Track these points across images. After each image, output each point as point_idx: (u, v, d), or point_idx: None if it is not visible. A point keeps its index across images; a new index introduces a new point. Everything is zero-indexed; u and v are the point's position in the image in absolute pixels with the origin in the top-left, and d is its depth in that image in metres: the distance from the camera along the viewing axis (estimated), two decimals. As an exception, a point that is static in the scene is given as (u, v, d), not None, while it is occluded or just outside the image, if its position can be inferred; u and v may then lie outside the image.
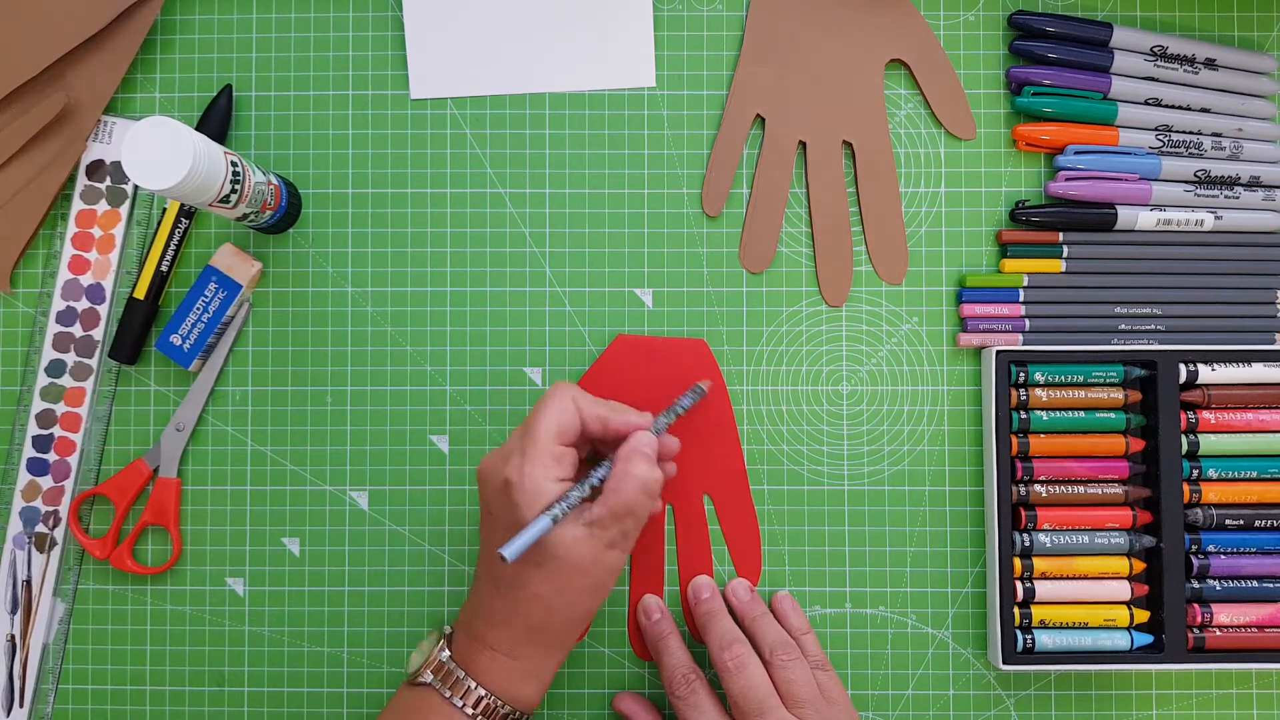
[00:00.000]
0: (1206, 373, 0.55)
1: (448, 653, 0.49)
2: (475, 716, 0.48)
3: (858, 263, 0.58)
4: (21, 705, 0.56)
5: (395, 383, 0.58)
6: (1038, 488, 0.55)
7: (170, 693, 0.57)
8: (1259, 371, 0.55)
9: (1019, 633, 0.54)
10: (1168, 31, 0.58)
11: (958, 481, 0.57)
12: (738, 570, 0.57)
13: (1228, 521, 0.55)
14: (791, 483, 0.57)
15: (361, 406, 0.57)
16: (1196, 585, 0.55)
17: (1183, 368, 0.55)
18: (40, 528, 0.57)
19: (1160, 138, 0.57)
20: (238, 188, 0.50)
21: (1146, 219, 0.56)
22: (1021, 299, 0.57)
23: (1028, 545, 0.55)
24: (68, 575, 0.57)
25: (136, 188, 0.57)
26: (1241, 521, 0.55)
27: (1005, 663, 0.54)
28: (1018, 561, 0.55)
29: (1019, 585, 0.55)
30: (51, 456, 0.57)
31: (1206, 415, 0.55)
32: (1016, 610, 0.55)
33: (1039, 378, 0.55)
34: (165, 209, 0.57)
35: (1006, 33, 0.58)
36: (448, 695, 0.48)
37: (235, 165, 0.50)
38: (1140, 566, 0.55)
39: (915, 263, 0.58)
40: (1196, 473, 0.55)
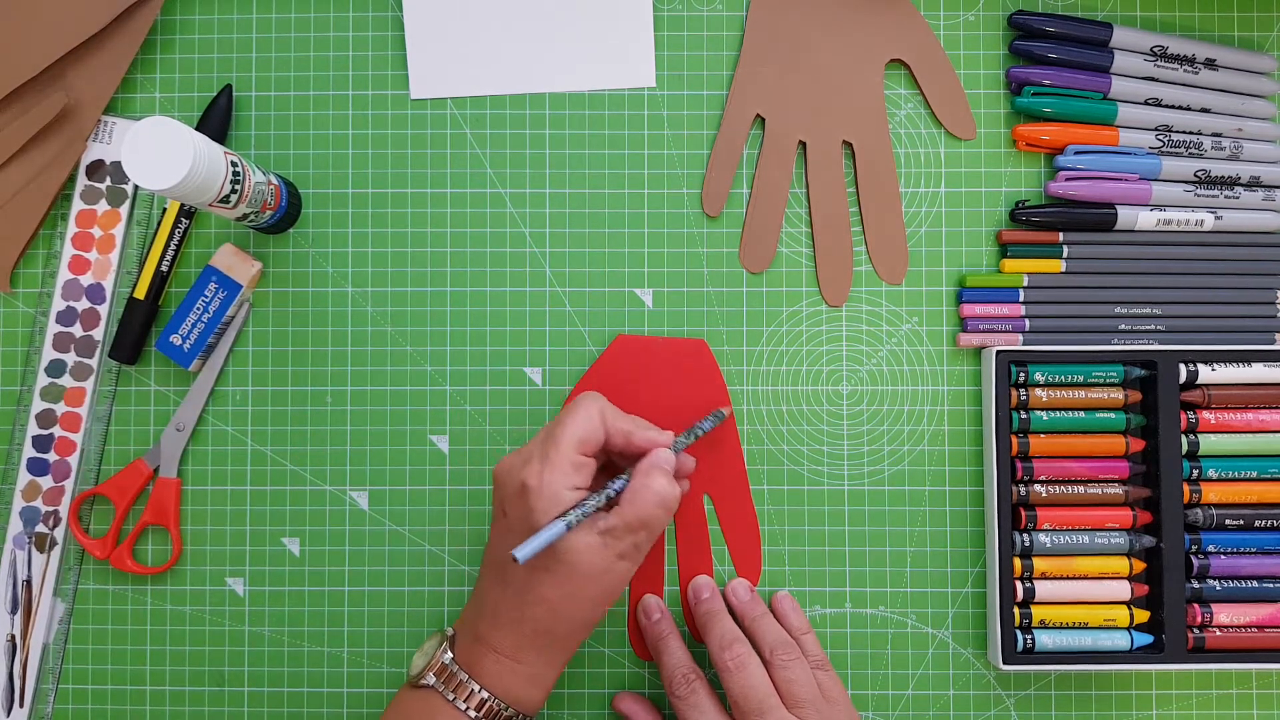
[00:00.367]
0: (1206, 373, 0.55)
1: (450, 655, 0.49)
2: (477, 719, 0.48)
3: (858, 263, 0.58)
4: (21, 705, 0.56)
5: (395, 383, 0.58)
6: (1038, 488, 0.55)
7: (170, 693, 0.57)
8: (1259, 371, 0.55)
9: (1019, 633, 0.54)
10: (1168, 31, 0.58)
11: (958, 481, 0.57)
12: (738, 570, 0.57)
13: (1228, 521, 0.55)
14: (791, 483, 0.57)
15: (361, 406, 0.57)
16: (1196, 585, 0.55)
17: (1183, 368, 0.55)
18: (40, 528, 0.57)
19: (1160, 138, 0.57)
20: (238, 188, 0.50)
21: (1146, 219, 0.56)
22: (1021, 299, 0.57)
23: (1028, 545, 0.55)
24: (68, 575, 0.57)
25: (136, 188, 0.57)
26: (1241, 521, 0.55)
27: (1005, 663, 0.54)
28: (1018, 561, 0.55)
29: (1019, 585, 0.55)
30: (52, 456, 0.57)
31: (1206, 415, 0.55)
32: (1016, 610, 0.55)
33: (1039, 378, 0.55)
34: (165, 209, 0.57)
35: (1006, 33, 0.58)
36: (450, 698, 0.48)
37: (235, 165, 0.50)
38: (1140, 566, 0.55)
39: (915, 263, 0.58)
40: (1196, 473, 0.55)
